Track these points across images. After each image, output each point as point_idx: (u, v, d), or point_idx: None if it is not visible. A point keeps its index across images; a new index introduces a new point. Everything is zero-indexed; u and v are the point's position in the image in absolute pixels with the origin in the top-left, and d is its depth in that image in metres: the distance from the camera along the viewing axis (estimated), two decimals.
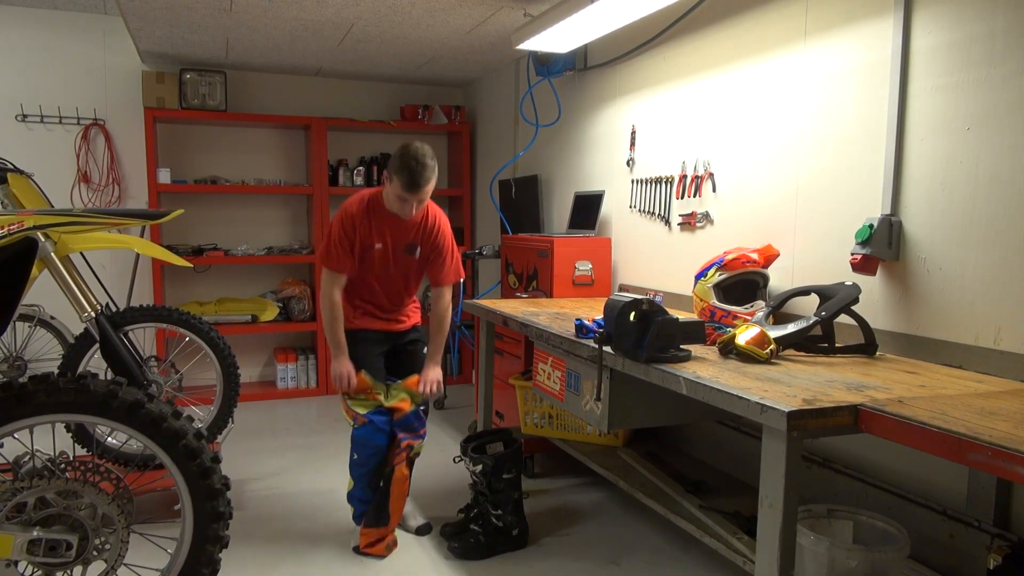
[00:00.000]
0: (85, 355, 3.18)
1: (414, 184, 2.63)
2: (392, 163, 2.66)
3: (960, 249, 2.11)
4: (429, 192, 2.70)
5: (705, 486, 2.82)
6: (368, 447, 2.88)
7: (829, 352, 2.17)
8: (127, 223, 2.52)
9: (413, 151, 2.62)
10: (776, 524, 1.56)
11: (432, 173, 2.66)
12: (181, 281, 5.27)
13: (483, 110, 5.67)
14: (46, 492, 1.91)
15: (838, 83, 2.51)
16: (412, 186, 2.63)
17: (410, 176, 2.61)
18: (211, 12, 3.83)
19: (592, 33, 3.32)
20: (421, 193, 2.67)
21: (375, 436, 2.87)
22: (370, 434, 2.86)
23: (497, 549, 2.87)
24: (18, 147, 4.66)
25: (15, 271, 2.06)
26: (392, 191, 2.69)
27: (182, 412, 2.04)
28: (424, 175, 2.63)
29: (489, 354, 3.44)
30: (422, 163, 2.62)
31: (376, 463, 2.92)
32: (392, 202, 2.74)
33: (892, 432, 1.51)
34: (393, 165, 2.65)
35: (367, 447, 2.88)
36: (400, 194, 2.66)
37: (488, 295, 5.16)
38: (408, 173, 2.61)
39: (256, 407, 5.03)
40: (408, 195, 2.65)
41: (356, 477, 2.96)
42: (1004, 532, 1.98)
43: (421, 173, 2.62)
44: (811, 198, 2.63)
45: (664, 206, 3.41)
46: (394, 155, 2.67)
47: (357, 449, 2.91)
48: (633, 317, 2.02)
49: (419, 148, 2.64)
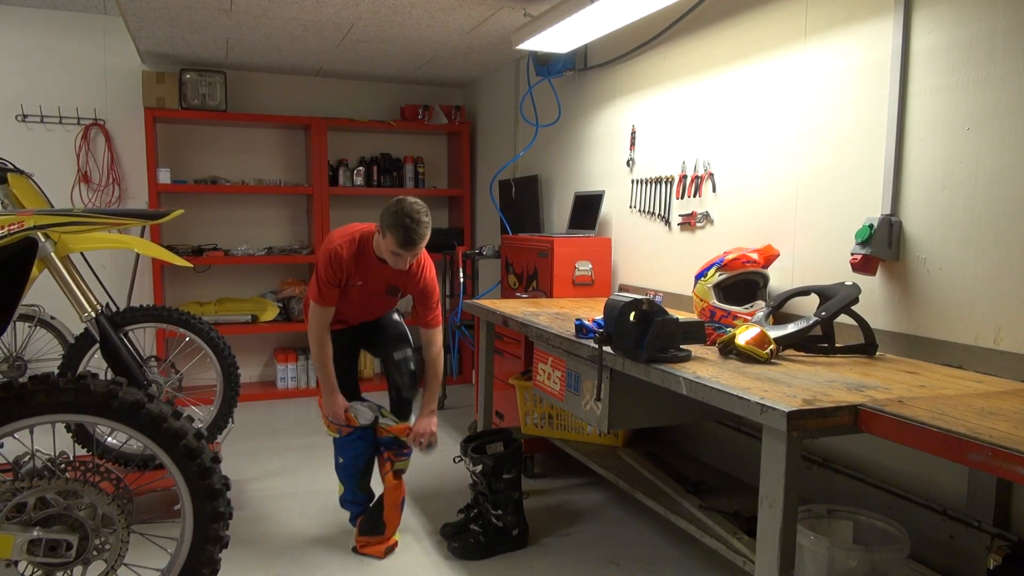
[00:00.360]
0: (85, 355, 3.18)
1: (409, 242, 2.61)
2: (385, 218, 2.62)
3: (960, 249, 2.11)
4: (423, 248, 2.69)
5: (705, 486, 2.82)
6: (352, 449, 2.90)
7: (829, 352, 2.17)
8: (127, 223, 2.52)
9: (408, 209, 2.59)
10: (776, 524, 1.56)
11: (427, 230, 2.63)
12: (181, 281, 5.27)
13: (483, 110, 5.67)
14: (46, 492, 1.91)
15: (838, 83, 2.51)
16: (407, 244, 2.61)
17: (405, 234, 2.58)
18: (211, 12, 3.83)
19: (592, 33, 3.32)
20: (416, 250, 2.65)
21: (355, 444, 2.90)
22: (350, 441, 2.89)
23: (497, 549, 2.87)
24: (18, 147, 4.66)
25: (15, 271, 2.06)
26: (385, 245, 2.66)
27: (182, 412, 2.04)
28: (419, 232, 2.60)
29: (489, 354, 3.44)
30: (417, 220, 2.59)
31: (363, 464, 2.94)
32: (385, 254, 2.71)
33: (892, 432, 1.51)
34: (386, 221, 2.61)
35: (351, 449, 2.90)
36: (395, 250, 2.64)
37: (488, 295, 5.16)
38: (404, 231, 2.58)
39: (256, 407, 5.03)
40: (403, 252, 2.64)
41: (344, 480, 2.97)
42: (1004, 532, 1.98)
43: (416, 230, 2.59)
44: (811, 198, 2.63)
45: (664, 206, 3.41)
46: (387, 210, 2.63)
47: (341, 453, 2.93)
48: (633, 317, 2.02)
49: (413, 205, 2.61)
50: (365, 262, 2.80)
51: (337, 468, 2.97)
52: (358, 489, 2.97)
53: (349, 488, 2.97)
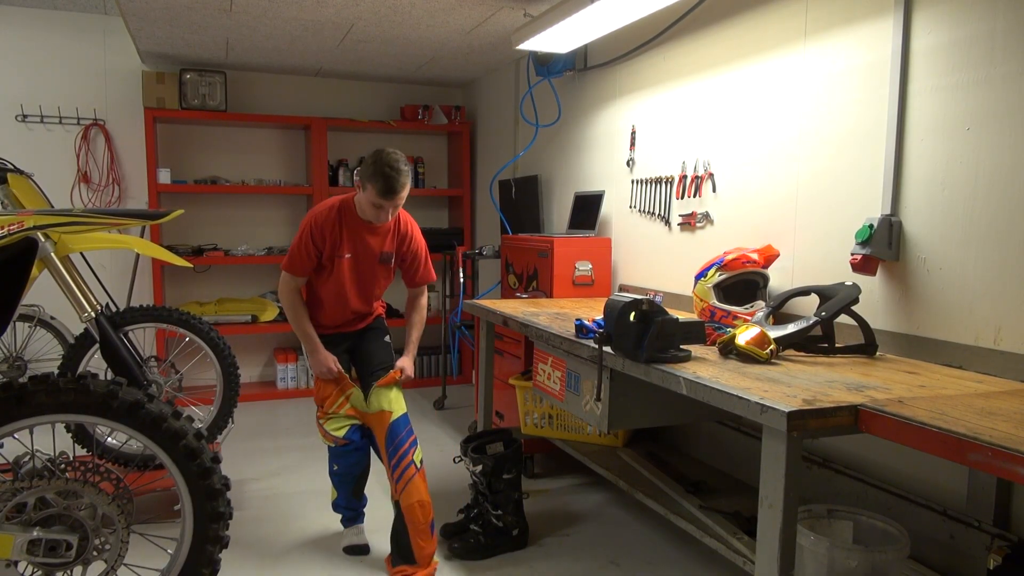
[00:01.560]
0: (85, 355, 3.18)
1: (390, 190, 2.58)
2: (365, 170, 2.61)
3: (960, 249, 2.11)
4: (404, 198, 2.66)
5: (705, 486, 2.82)
6: (349, 458, 2.87)
7: (829, 352, 2.17)
8: (127, 223, 2.52)
9: (387, 157, 2.57)
10: (776, 524, 1.56)
11: (407, 179, 2.62)
12: (181, 281, 5.27)
13: (483, 110, 5.67)
14: (46, 492, 1.91)
15: (838, 83, 2.51)
16: (388, 192, 2.58)
17: (386, 182, 2.56)
18: (211, 12, 3.83)
19: (592, 33, 3.32)
20: (397, 199, 2.62)
21: (349, 456, 2.86)
22: (348, 450, 2.85)
23: (497, 549, 2.87)
24: (18, 147, 4.66)
25: (15, 271, 2.06)
26: (366, 198, 2.64)
27: (182, 412, 2.04)
28: (400, 181, 2.58)
29: (489, 354, 3.44)
30: (396, 168, 2.57)
31: (358, 472, 2.91)
32: (366, 209, 2.68)
33: (892, 432, 1.51)
34: (366, 172, 2.60)
35: (348, 458, 2.87)
36: (375, 201, 2.61)
37: (488, 295, 5.15)
38: (384, 179, 2.56)
39: (256, 407, 5.03)
40: (384, 201, 2.61)
41: (337, 485, 2.95)
42: (1004, 532, 1.98)
43: (396, 179, 2.57)
44: (811, 198, 2.63)
45: (664, 206, 3.41)
46: (366, 162, 2.62)
47: (336, 461, 2.89)
48: (633, 317, 2.02)
49: (392, 154, 2.60)
50: (351, 229, 2.75)
51: (331, 474, 2.94)
52: (351, 496, 2.95)
53: (343, 494, 2.95)
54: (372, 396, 2.77)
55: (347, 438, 2.81)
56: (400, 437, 2.72)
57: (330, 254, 2.75)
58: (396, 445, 2.71)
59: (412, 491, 2.66)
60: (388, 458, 2.72)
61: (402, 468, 2.68)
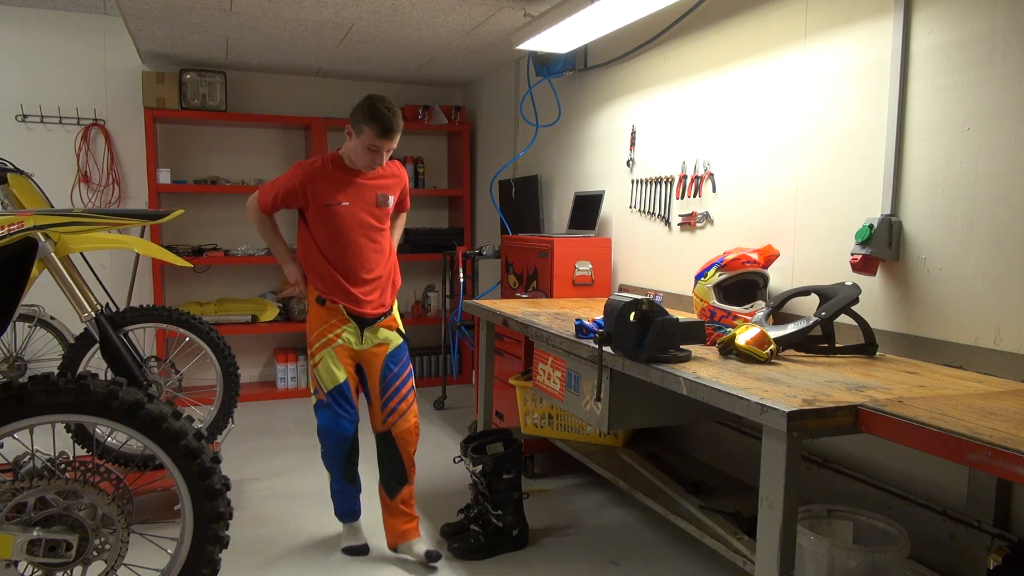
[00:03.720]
0: (85, 355, 3.18)
1: (388, 130, 2.62)
2: (358, 114, 2.64)
3: (960, 249, 2.11)
4: (398, 139, 2.71)
5: (705, 486, 2.82)
6: (331, 436, 2.82)
7: (829, 352, 2.17)
8: (127, 223, 2.51)
9: (380, 99, 2.63)
10: (776, 524, 1.56)
11: (401, 120, 2.67)
12: (181, 281, 5.27)
13: (483, 110, 5.67)
14: (46, 492, 1.91)
15: (838, 83, 2.51)
16: (386, 132, 2.62)
17: (384, 123, 2.60)
18: (211, 12, 3.83)
19: (592, 33, 3.32)
20: (394, 139, 2.67)
21: (338, 424, 2.79)
22: (331, 422, 2.79)
23: (497, 549, 2.87)
24: (18, 147, 4.66)
25: (15, 271, 2.06)
26: (361, 143, 2.66)
27: (182, 412, 2.04)
28: (396, 120, 2.63)
29: (489, 354, 3.44)
30: (392, 110, 2.62)
31: (345, 452, 2.85)
32: (359, 155, 2.70)
33: (892, 432, 1.51)
34: (361, 115, 2.63)
35: (330, 436, 2.82)
36: (372, 143, 2.64)
37: (488, 295, 5.15)
38: (382, 120, 2.60)
39: (256, 407, 5.03)
40: (381, 143, 2.64)
41: (329, 468, 2.92)
42: (1004, 532, 1.98)
43: (392, 119, 2.62)
44: (811, 198, 2.63)
45: (664, 206, 3.41)
46: (359, 107, 2.65)
47: (322, 439, 2.86)
48: (633, 317, 2.02)
49: (385, 97, 2.65)
50: (343, 177, 2.76)
51: (322, 455, 2.91)
52: (344, 478, 2.89)
53: (334, 477, 2.90)
54: (366, 333, 2.82)
55: (329, 398, 2.77)
56: (392, 373, 2.84)
57: (324, 202, 2.73)
58: (390, 380, 2.83)
59: (405, 419, 2.85)
60: (381, 392, 2.82)
61: (395, 402, 2.83)
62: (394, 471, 2.86)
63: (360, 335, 2.81)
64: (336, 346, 2.77)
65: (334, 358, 2.78)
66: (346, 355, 2.80)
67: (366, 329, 2.81)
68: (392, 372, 2.84)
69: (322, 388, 2.79)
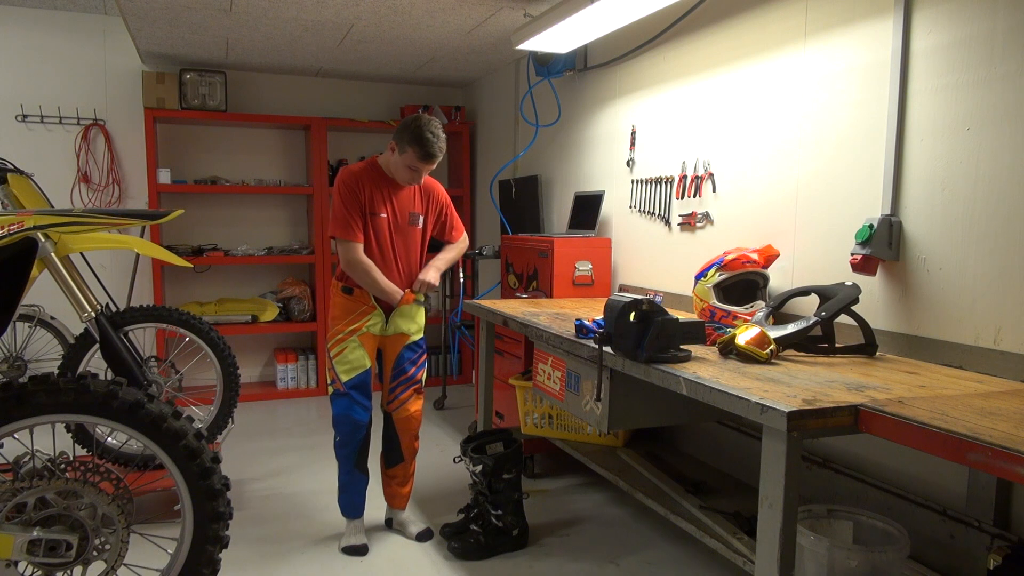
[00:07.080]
0: (85, 355, 3.18)
1: (430, 156, 2.74)
2: (404, 134, 2.74)
3: (960, 249, 2.11)
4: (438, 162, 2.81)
5: (705, 486, 2.82)
6: (347, 424, 2.87)
7: (829, 352, 2.17)
8: (127, 223, 2.52)
9: (427, 123, 2.73)
10: (776, 524, 1.56)
11: (445, 144, 2.79)
12: (181, 281, 5.27)
13: (483, 110, 5.67)
14: (46, 492, 1.91)
15: (838, 83, 2.51)
16: (428, 157, 2.74)
17: (427, 148, 2.71)
18: (211, 12, 3.83)
19: (592, 33, 3.32)
20: (434, 163, 2.78)
21: (353, 411, 2.86)
22: (347, 409, 2.86)
23: (497, 549, 2.87)
24: (18, 147, 4.66)
25: (15, 271, 2.06)
26: (402, 161, 2.77)
27: (182, 412, 2.04)
28: (439, 146, 2.75)
29: (489, 354, 3.44)
30: (437, 135, 2.74)
31: (359, 442, 2.90)
32: (399, 171, 2.81)
33: (892, 432, 1.51)
34: (406, 136, 2.73)
35: (346, 424, 2.87)
36: (413, 164, 2.76)
37: (488, 295, 5.16)
38: (426, 145, 2.71)
39: (256, 407, 5.03)
40: (422, 165, 2.76)
41: (340, 458, 2.94)
42: (1004, 532, 1.98)
43: (436, 143, 2.73)
44: (811, 198, 2.63)
45: (664, 206, 3.41)
46: (404, 126, 2.75)
47: (337, 428, 2.90)
48: (633, 317, 2.02)
49: (432, 120, 2.76)
50: (385, 186, 2.86)
51: (335, 446, 2.94)
52: (355, 469, 2.93)
53: (345, 468, 2.92)
54: (392, 318, 2.91)
55: (348, 389, 2.85)
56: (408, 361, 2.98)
57: (368, 210, 2.83)
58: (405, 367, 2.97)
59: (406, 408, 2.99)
60: (392, 377, 2.96)
61: (400, 390, 2.97)
62: (390, 449, 3.05)
63: (386, 320, 2.92)
64: (361, 334, 2.87)
65: (360, 345, 2.87)
66: (372, 343, 2.91)
67: (392, 314, 2.92)
68: (408, 360, 2.99)
69: (339, 379, 2.87)
